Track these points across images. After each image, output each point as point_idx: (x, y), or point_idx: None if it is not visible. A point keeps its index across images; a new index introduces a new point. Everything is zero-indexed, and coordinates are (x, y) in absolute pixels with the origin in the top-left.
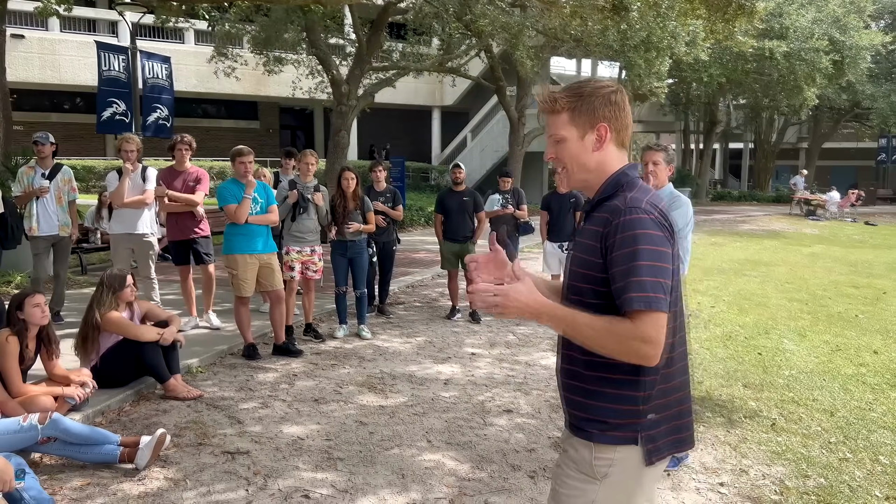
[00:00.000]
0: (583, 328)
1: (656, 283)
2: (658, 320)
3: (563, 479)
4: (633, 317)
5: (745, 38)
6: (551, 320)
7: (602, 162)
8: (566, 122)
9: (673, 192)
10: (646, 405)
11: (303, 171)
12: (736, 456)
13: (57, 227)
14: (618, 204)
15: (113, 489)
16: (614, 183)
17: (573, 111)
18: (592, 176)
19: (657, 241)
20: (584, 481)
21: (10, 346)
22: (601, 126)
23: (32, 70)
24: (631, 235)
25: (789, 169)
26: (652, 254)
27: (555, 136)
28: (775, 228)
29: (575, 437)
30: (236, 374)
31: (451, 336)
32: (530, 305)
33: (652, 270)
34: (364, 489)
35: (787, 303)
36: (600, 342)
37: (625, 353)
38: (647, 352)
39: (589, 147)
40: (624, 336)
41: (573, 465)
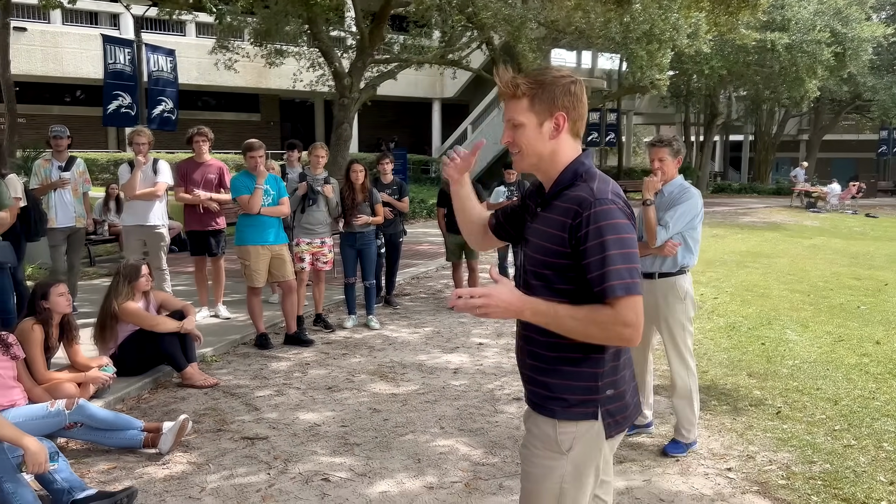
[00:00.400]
0: (565, 319)
1: (632, 268)
2: (637, 304)
3: (531, 458)
4: (614, 303)
5: (748, 30)
6: (534, 315)
7: (556, 151)
8: (525, 108)
9: (682, 183)
10: (603, 381)
11: (313, 164)
12: (742, 442)
13: (73, 219)
14: (585, 196)
15: (138, 472)
16: (572, 172)
17: (533, 98)
18: (545, 163)
19: (626, 230)
20: (552, 458)
21: (35, 334)
22: (559, 115)
23: (35, 63)
24: (602, 226)
25: (789, 161)
26: (623, 242)
27: (513, 121)
28: (776, 220)
29: (538, 416)
30: (250, 362)
31: (457, 326)
32: (513, 304)
33: (625, 257)
34: (382, 473)
35: (789, 294)
36: (583, 331)
37: (607, 338)
38: (629, 335)
39: (546, 134)
40: (607, 323)
41: (539, 443)
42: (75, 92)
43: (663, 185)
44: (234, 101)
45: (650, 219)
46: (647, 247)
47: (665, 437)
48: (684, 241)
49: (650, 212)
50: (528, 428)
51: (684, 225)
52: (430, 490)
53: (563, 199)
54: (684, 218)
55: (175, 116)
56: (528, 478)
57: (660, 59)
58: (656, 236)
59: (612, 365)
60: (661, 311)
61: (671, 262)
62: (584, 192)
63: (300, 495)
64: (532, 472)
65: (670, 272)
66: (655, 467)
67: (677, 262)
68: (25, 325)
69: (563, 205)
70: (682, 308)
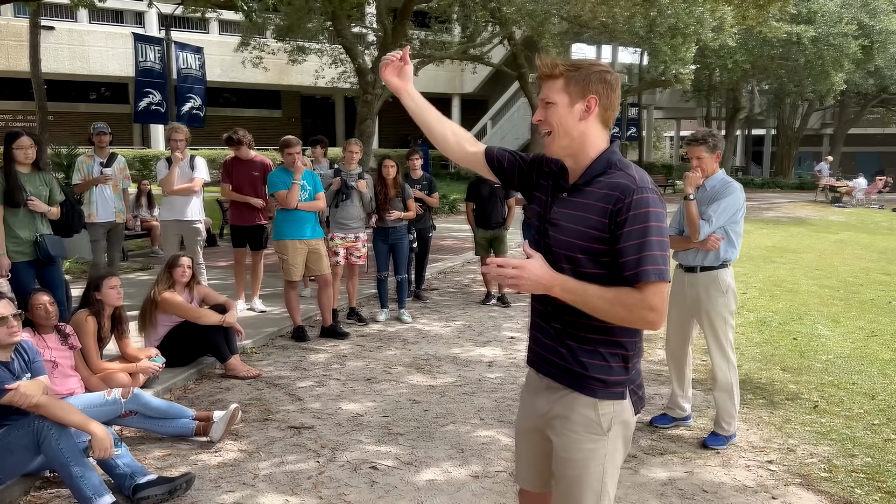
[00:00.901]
0: (594, 299)
1: (665, 256)
2: (664, 290)
3: (573, 445)
4: (644, 288)
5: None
6: (564, 292)
7: (585, 133)
8: (560, 87)
9: (724, 178)
10: (630, 363)
11: (347, 160)
12: (781, 436)
13: (113, 214)
14: (627, 183)
15: (192, 459)
16: (605, 161)
17: (568, 79)
18: (575, 144)
19: (664, 219)
20: (595, 440)
21: (89, 325)
22: (591, 98)
23: (62, 61)
24: (644, 213)
25: (812, 155)
26: (661, 230)
27: (546, 99)
28: (801, 215)
29: (577, 399)
30: (289, 354)
31: (488, 320)
32: (544, 278)
33: (661, 245)
34: (427, 462)
35: (818, 289)
36: (610, 311)
37: (632, 320)
38: (653, 319)
39: (576, 115)
40: (634, 305)
41: (581, 427)
42: (100, 89)
43: (704, 180)
44: (255, 97)
45: (692, 213)
46: (690, 241)
47: (703, 429)
48: (727, 234)
49: (692, 206)
50: (564, 415)
51: (727, 219)
52: (476, 479)
53: (598, 185)
54: (727, 212)
55: (203, 113)
56: (570, 465)
57: (684, 53)
58: (699, 230)
59: (638, 346)
60: (703, 304)
61: (713, 256)
62: (625, 179)
63: (350, 482)
64: (574, 458)
65: (712, 266)
66: (696, 459)
67: (719, 256)
68: (80, 317)
69: (600, 191)
70: (723, 301)
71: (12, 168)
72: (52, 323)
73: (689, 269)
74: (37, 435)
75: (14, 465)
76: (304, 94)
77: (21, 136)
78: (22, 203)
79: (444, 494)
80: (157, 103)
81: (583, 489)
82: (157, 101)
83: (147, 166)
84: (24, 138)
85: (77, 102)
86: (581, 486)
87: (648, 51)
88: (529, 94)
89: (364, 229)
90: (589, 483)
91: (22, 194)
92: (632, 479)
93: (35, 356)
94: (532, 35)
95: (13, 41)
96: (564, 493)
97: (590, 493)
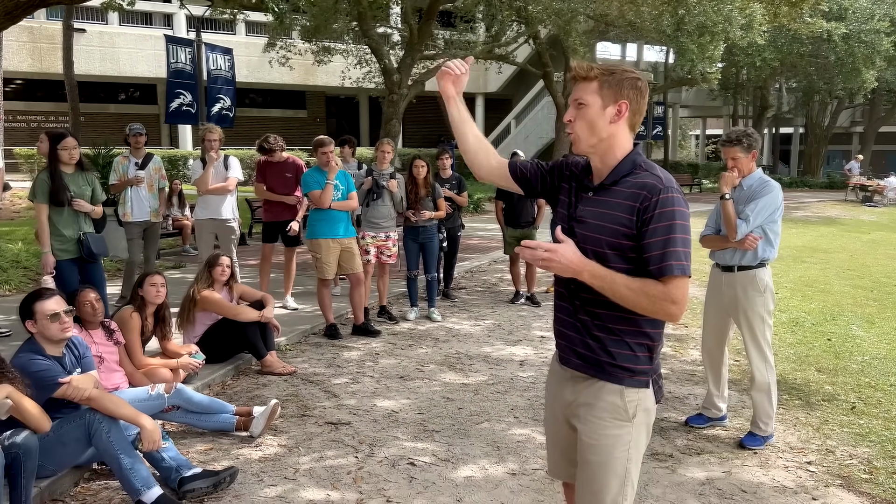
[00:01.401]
0: (620, 287)
1: (688, 253)
2: (685, 285)
3: (598, 431)
4: (667, 281)
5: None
6: (592, 277)
7: (613, 135)
8: (594, 90)
9: (762, 177)
10: (654, 353)
11: (379, 159)
12: (819, 437)
13: (149, 213)
14: (654, 182)
15: (234, 454)
16: (631, 162)
17: (602, 82)
18: (602, 145)
19: (687, 218)
20: (620, 426)
21: (134, 322)
22: (623, 103)
23: (93, 63)
24: (670, 211)
25: (841, 154)
26: (685, 228)
27: (579, 100)
28: (831, 215)
29: (603, 386)
30: (322, 352)
31: (517, 319)
32: (574, 262)
33: (685, 242)
34: (464, 458)
35: (851, 289)
36: (634, 300)
37: (654, 311)
38: (674, 311)
39: (607, 118)
40: (657, 297)
41: (606, 414)
42: (129, 90)
43: (742, 180)
44: (281, 98)
45: (729, 213)
46: (727, 240)
47: (740, 430)
48: (765, 234)
49: (728, 206)
50: (590, 402)
51: (765, 218)
52: (513, 476)
53: (625, 185)
54: (765, 211)
55: (233, 114)
56: (595, 450)
57: (711, 51)
58: (736, 230)
59: (662, 338)
60: (741, 303)
61: (751, 255)
62: (652, 179)
63: (389, 478)
64: (600, 444)
65: (750, 265)
66: (734, 459)
67: (757, 255)
68: (125, 313)
69: (627, 191)
70: (761, 301)
71: (57, 168)
72: (98, 319)
73: (726, 268)
74: (88, 427)
75: (66, 457)
76: (329, 95)
77: (67, 137)
78: (67, 202)
79: (482, 491)
80: (188, 104)
81: (608, 474)
82: (187, 102)
83: (175, 166)
84: (69, 139)
85: (107, 103)
86: (606, 472)
87: (675, 49)
88: (554, 94)
89: (395, 228)
90: (614, 468)
91: (67, 194)
92: (669, 479)
93: (85, 351)
94: (558, 34)
95: (46, 44)
96: (589, 478)
97: (614, 478)
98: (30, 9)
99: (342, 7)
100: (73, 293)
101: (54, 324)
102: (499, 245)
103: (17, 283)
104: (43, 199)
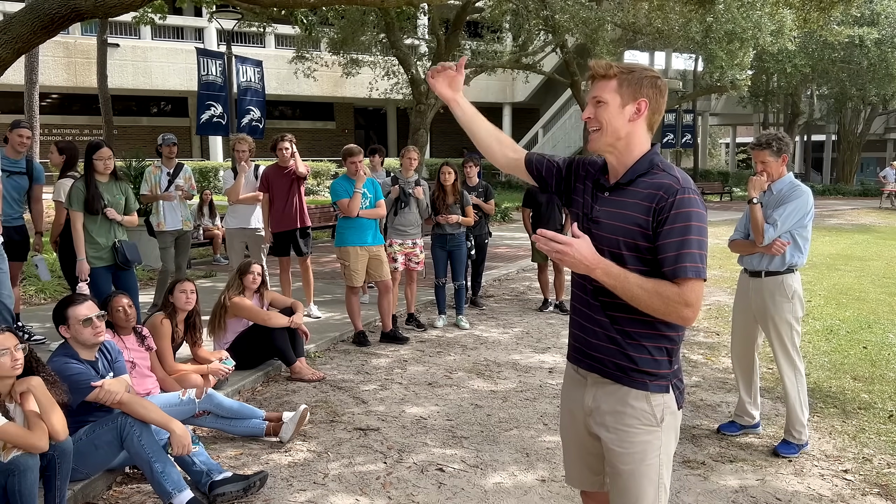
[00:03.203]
0: (633, 287)
1: (703, 255)
2: (700, 288)
3: (628, 438)
4: (681, 283)
5: (840, 27)
6: (605, 275)
7: (632, 133)
8: (613, 88)
9: (793, 181)
10: (674, 357)
11: (405, 167)
12: (856, 445)
13: (181, 222)
14: (670, 183)
15: (264, 459)
16: (648, 162)
17: (622, 81)
18: (620, 143)
19: (705, 220)
20: (650, 432)
21: (165, 328)
22: (642, 101)
23: (126, 77)
24: (686, 212)
25: (875, 161)
26: (701, 230)
27: (598, 97)
28: (865, 222)
29: (628, 392)
30: (351, 359)
31: (546, 327)
32: (588, 259)
33: (700, 244)
34: (493, 465)
35: (888, 297)
36: (647, 301)
37: (667, 313)
38: (687, 314)
39: (626, 116)
40: (670, 299)
41: (636, 420)
42: (161, 103)
43: (771, 184)
44: (309, 109)
45: (757, 217)
46: (755, 245)
47: (773, 438)
48: (794, 239)
49: (756, 210)
50: (617, 410)
51: (794, 223)
52: (543, 483)
53: (641, 185)
54: (794, 216)
55: (262, 125)
56: (627, 459)
57: (741, 58)
58: (764, 234)
59: (681, 341)
60: (769, 309)
61: (779, 261)
62: (669, 179)
63: (418, 484)
64: (632, 451)
65: (778, 271)
66: (768, 467)
67: (785, 261)
68: (155, 320)
69: (643, 191)
70: (789, 307)
71: (92, 177)
72: (130, 325)
73: (753, 273)
74: (120, 431)
75: (98, 461)
76: (357, 106)
77: (102, 148)
78: (100, 211)
79: (512, 498)
80: (219, 116)
81: (642, 482)
82: (218, 114)
83: (206, 178)
84: (104, 149)
85: (139, 116)
86: (640, 480)
87: (704, 56)
88: (582, 102)
89: (422, 235)
90: (648, 475)
91: (101, 202)
92: (702, 486)
93: (118, 356)
94: (585, 43)
95: (81, 59)
96: (623, 488)
97: (649, 484)
98: (65, 22)
99: (370, 19)
100: (107, 299)
101: (87, 328)
102: (527, 254)
103: (53, 292)
104: (78, 208)
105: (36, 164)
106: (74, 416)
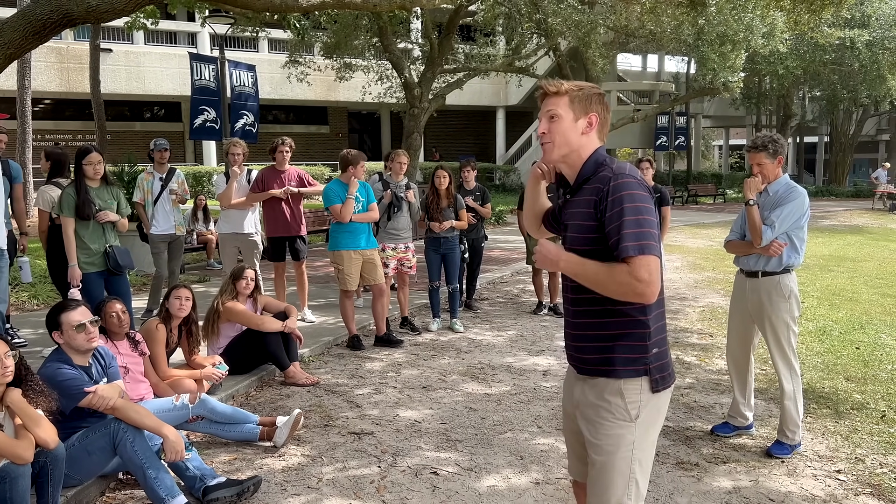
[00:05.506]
0: (591, 274)
1: (645, 232)
2: (650, 263)
3: (600, 431)
4: (629, 262)
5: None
6: (567, 264)
7: (583, 146)
8: (566, 103)
9: (789, 182)
10: (650, 341)
11: (395, 171)
12: (849, 445)
13: (173, 227)
14: (606, 174)
15: (258, 463)
16: (594, 162)
17: (573, 97)
18: (573, 154)
19: (643, 199)
20: (623, 426)
21: (159, 333)
22: (592, 115)
23: (119, 82)
24: (620, 196)
25: (867, 162)
26: (639, 209)
27: (551, 112)
28: (857, 224)
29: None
30: (345, 363)
31: (540, 330)
32: (552, 253)
33: (639, 222)
34: (487, 468)
35: (880, 298)
36: (604, 285)
37: (624, 293)
38: (642, 290)
39: (579, 129)
40: (623, 279)
41: (609, 414)
42: (154, 108)
43: (767, 185)
44: (303, 114)
45: (753, 219)
46: (752, 246)
47: (766, 438)
48: (790, 240)
49: (753, 212)
50: (593, 402)
51: (790, 224)
52: (537, 486)
53: (589, 183)
54: (791, 217)
55: (256, 129)
56: (599, 450)
57: (733, 60)
58: (761, 236)
59: (656, 326)
60: (765, 310)
61: (775, 261)
62: (607, 172)
63: (412, 487)
64: (603, 443)
65: (774, 271)
66: (761, 468)
67: (782, 261)
68: (150, 325)
69: (590, 187)
70: (786, 307)
71: (83, 182)
72: (123, 330)
73: (750, 274)
74: (113, 437)
75: (91, 467)
76: (351, 110)
77: (91, 153)
78: (92, 216)
79: (506, 500)
80: (212, 120)
81: (612, 474)
82: (211, 118)
83: (200, 182)
84: (93, 154)
85: (132, 121)
86: (611, 471)
87: (696, 59)
88: None
89: (413, 239)
90: (618, 468)
91: (91, 208)
92: (695, 487)
93: (111, 361)
94: (578, 46)
95: (74, 64)
96: (595, 478)
97: (619, 477)
98: (57, 28)
99: (363, 23)
100: (100, 304)
101: (80, 334)
102: (521, 256)
103: (45, 298)
104: (69, 213)
105: (13, 164)
106: (67, 422)
